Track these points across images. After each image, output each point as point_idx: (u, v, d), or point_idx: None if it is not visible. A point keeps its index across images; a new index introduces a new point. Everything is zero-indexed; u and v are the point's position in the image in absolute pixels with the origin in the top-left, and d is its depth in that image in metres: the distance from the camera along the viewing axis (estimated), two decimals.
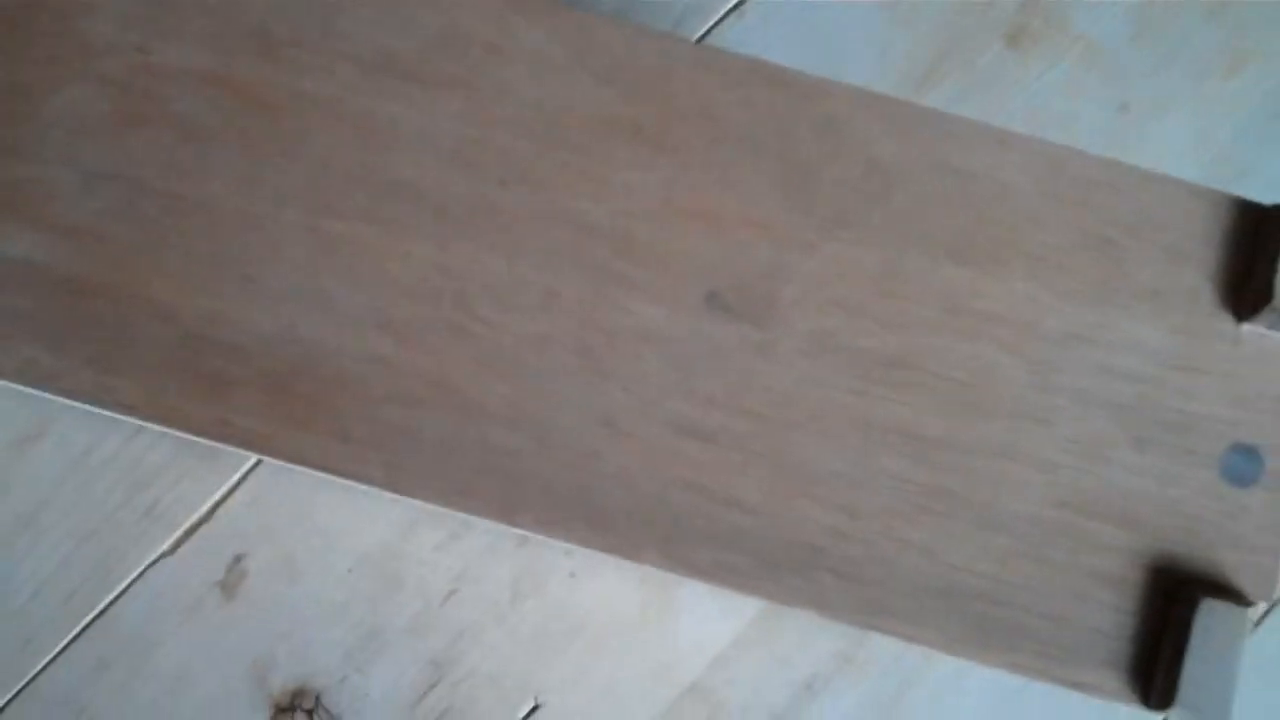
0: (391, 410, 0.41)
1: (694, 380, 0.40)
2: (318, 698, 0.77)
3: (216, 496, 0.78)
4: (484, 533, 0.78)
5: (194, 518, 0.78)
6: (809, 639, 0.79)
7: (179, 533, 0.78)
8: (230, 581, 0.78)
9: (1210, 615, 0.39)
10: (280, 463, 0.39)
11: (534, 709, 0.78)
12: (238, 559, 0.78)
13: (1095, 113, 0.83)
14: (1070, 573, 0.40)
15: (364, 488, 0.75)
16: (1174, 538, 0.40)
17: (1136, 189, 0.42)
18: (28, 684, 0.76)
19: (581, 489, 0.40)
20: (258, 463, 0.78)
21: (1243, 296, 0.41)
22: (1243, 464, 0.40)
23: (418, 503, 0.76)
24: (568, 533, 0.40)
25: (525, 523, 0.41)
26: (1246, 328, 0.41)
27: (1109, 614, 0.39)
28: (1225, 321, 0.41)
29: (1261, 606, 0.78)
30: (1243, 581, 0.40)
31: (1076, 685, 0.40)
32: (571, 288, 0.41)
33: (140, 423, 0.50)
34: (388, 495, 0.75)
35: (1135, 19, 0.84)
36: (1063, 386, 0.40)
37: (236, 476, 0.79)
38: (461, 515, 0.75)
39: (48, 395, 0.47)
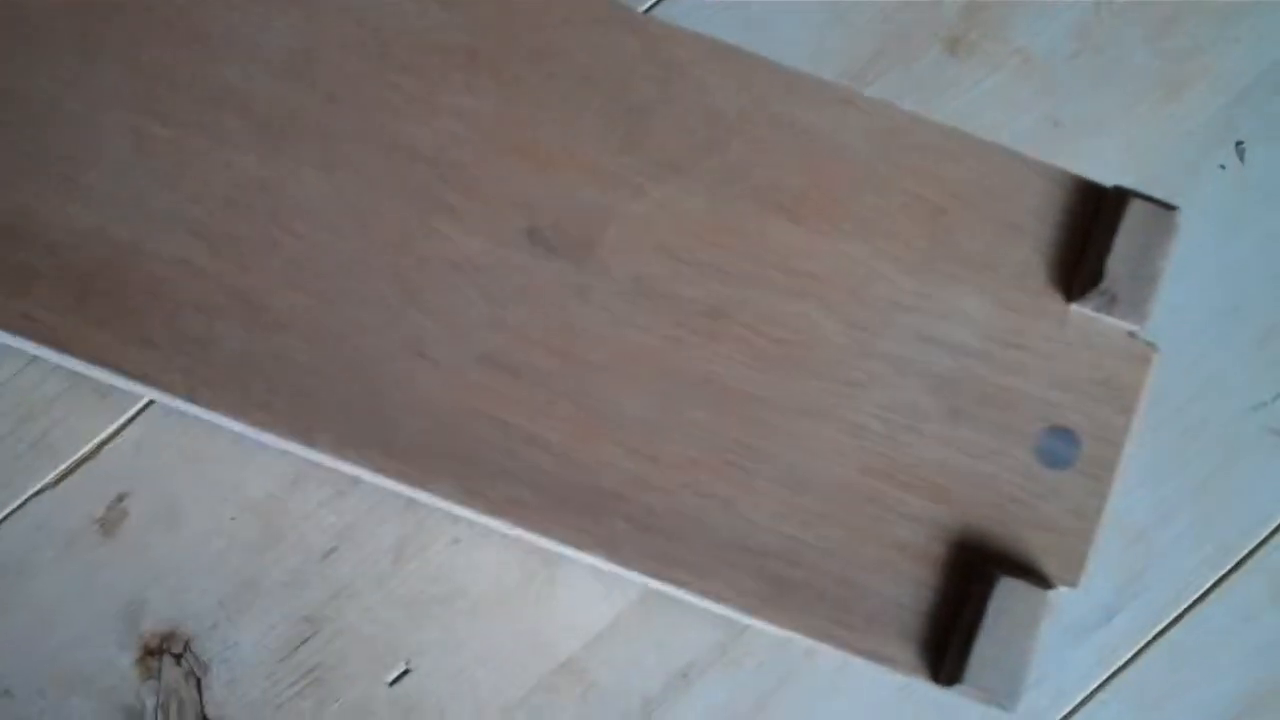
0: (196, 318, 0.40)
1: (507, 315, 0.39)
2: (187, 643, 0.76)
3: (105, 434, 0.78)
4: (370, 492, 0.78)
5: (80, 453, 0.78)
6: (688, 627, 0.78)
7: (63, 467, 0.77)
8: (111, 520, 0.77)
9: (1008, 595, 0.39)
10: (387, 481, 0.38)
11: (405, 672, 0.77)
12: (120, 498, 0.77)
13: (1027, 125, 0.82)
14: (873, 541, 0.39)
15: (254, 434, 0.74)
16: (982, 514, 0.39)
17: (977, 159, 0.42)
18: None
19: (381, 414, 0.39)
20: (149, 403, 0.78)
21: (1074, 277, 0.40)
22: (1059, 446, 0.40)
23: (306, 456, 0.75)
24: (362, 457, 0.39)
25: (322, 443, 0.40)
26: (1075, 309, 0.40)
27: (908, 586, 0.39)
28: (1054, 301, 0.40)
29: (1112, 599, 0.77)
30: (1048, 564, 0.39)
31: (868, 654, 0.39)
32: (391, 211, 0.40)
33: None
34: (276, 446, 0.75)
35: (1076, 36, 0.83)
36: (882, 352, 0.40)
37: (127, 415, 0.78)
38: (350, 473, 0.75)
39: None
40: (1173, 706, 0.78)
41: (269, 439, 0.72)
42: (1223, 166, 0.82)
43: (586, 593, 0.78)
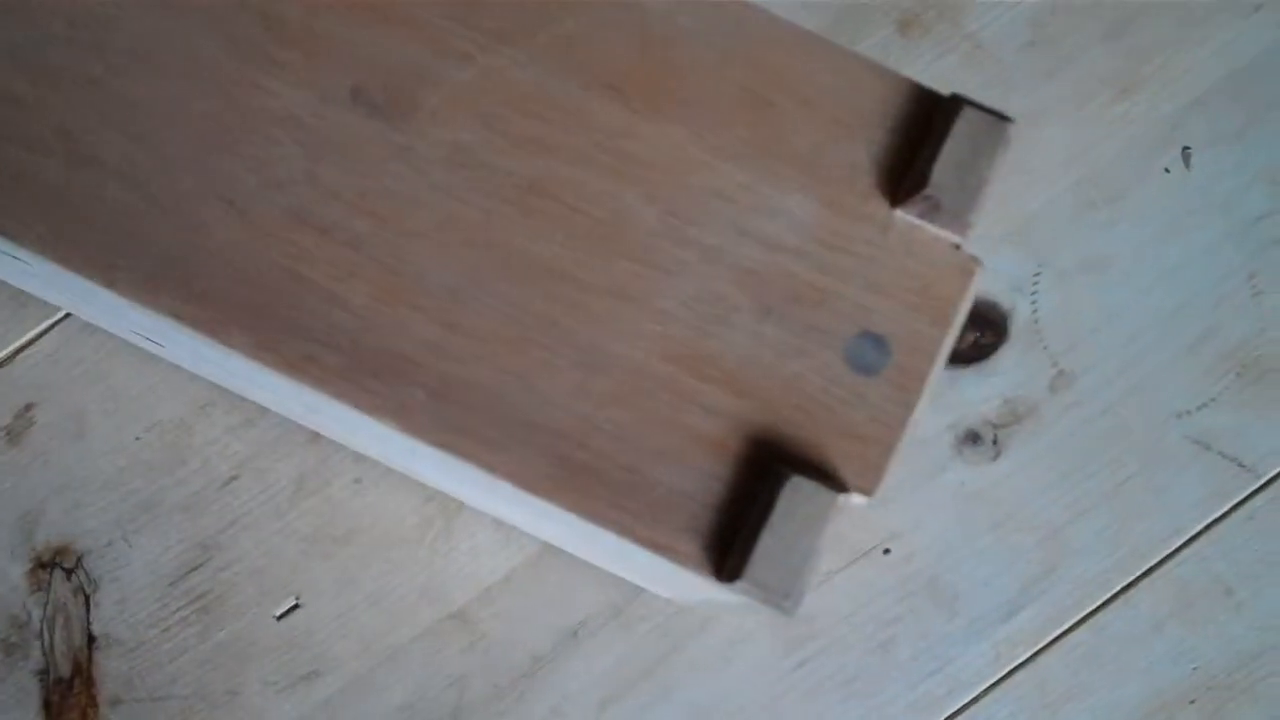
0: (11, 151, 0.40)
1: (322, 172, 0.39)
2: (80, 559, 0.76)
3: (19, 343, 0.78)
4: (277, 424, 0.77)
5: None
6: (583, 586, 0.77)
7: None
8: (16, 429, 0.77)
9: (796, 493, 0.38)
10: (187, 330, 0.38)
11: (294, 607, 0.76)
12: (28, 407, 0.77)
13: None
14: (667, 430, 0.38)
15: (169, 360, 0.74)
16: (783, 414, 0.38)
17: (813, 56, 0.41)
18: None
19: (184, 259, 0.38)
20: (66, 316, 0.78)
21: (901, 182, 0.39)
22: (869, 352, 0.39)
23: (218, 383, 0.74)
24: (159, 301, 0.39)
25: (121, 283, 0.40)
26: (899, 214, 0.39)
27: (699, 478, 0.38)
28: (879, 205, 0.40)
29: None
30: (845, 470, 0.38)
31: (649, 543, 0.38)
32: (216, 56, 0.40)
33: None
34: (188, 369, 0.74)
35: (1031, 26, 0.82)
36: (696, 241, 0.39)
37: (43, 326, 0.78)
38: (257, 403, 0.74)
39: None
40: (1069, 709, 0.76)
41: (183, 360, 0.72)
42: (1168, 170, 0.81)
43: (484, 543, 0.77)
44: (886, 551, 0.78)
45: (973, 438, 0.79)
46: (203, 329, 0.39)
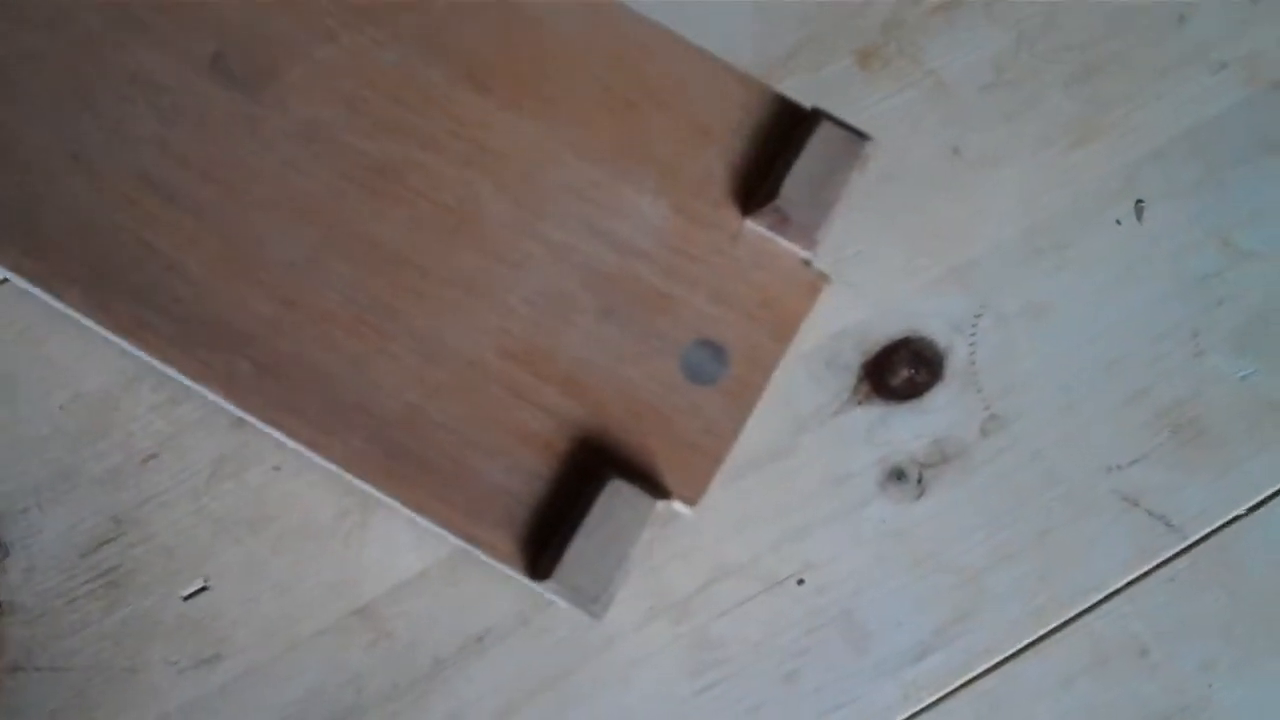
0: None
1: (173, 136, 0.39)
2: None
3: None
4: (201, 405, 0.77)
5: None
6: (493, 594, 0.76)
7: None
8: None
9: (615, 497, 0.37)
10: (24, 283, 0.38)
11: (201, 589, 0.76)
12: None
13: (925, 148, 0.81)
14: (497, 425, 0.37)
15: (103, 331, 0.74)
16: (614, 417, 0.38)
17: (678, 60, 0.40)
18: None
19: (26, 211, 0.38)
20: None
21: (754, 192, 0.39)
22: (706, 361, 0.38)
23: (148, 359, 0.74)
24: (13, 261, 0.39)
25: None
26: (749, 225, 0.39)
27: (522, 476, 0.37)
28: (731, 215, 0.39)
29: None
30: (669, 478, 0.37)
31: (467, 537, 0.38)
32: (81, 15, 0.40)
33: None
34: (122, 343, 0.74)
35: (992, 68, 0.82)
36: (544, 236, 0.38)
37: None
38: (185, 381, 0.74)
39: None
40: None
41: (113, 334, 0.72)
42: (1119, 221, 0.80)
43: (397, 542, 0.77)
44: (800, 582, 0.77)
45: (898, 475, 0.78)
46: (41, 283, 0.39)
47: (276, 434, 0.39)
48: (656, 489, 0.37)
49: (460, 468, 0.38)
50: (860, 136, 0.39)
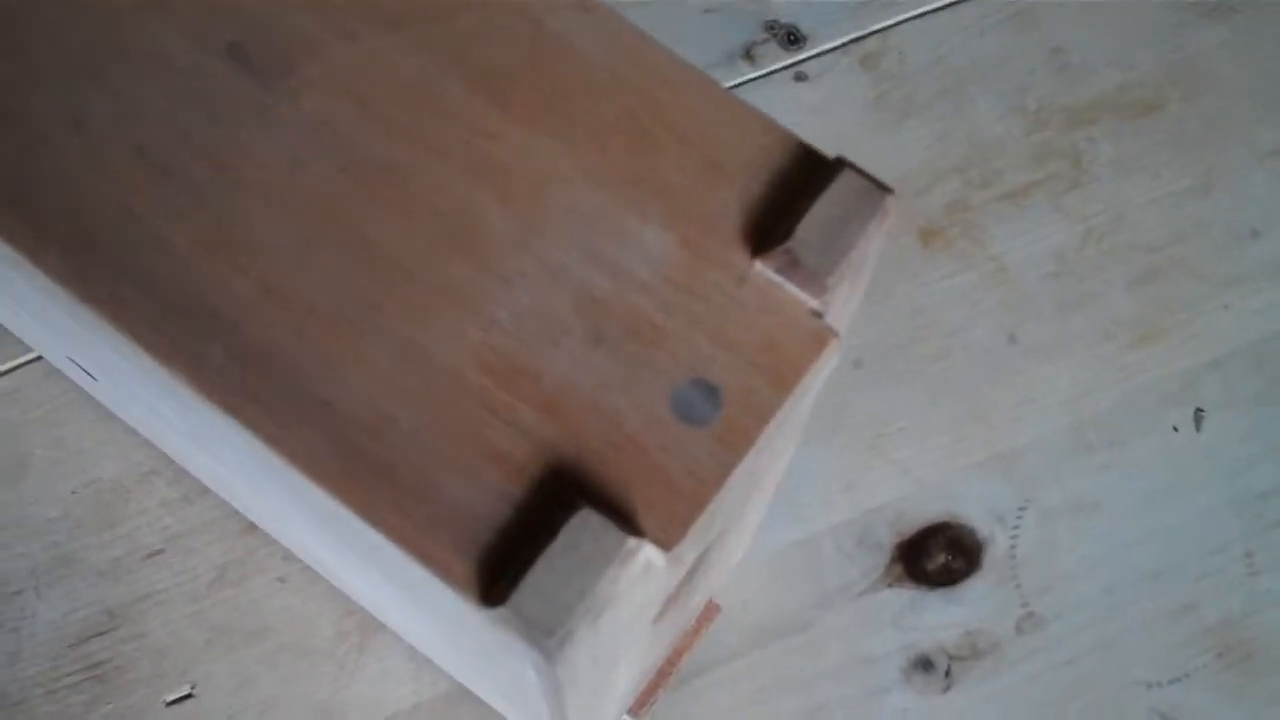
0: None
1: (178, 115, 0.38)
2: None
3: None
4: (214, 506, 0.75)
5: None
6: None
7: None
8: None
9: (583, 526, 0.35)
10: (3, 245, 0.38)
11: (187, 696, 0.73)
12: None
13: (981, 332, 0.79)
14: (468, 441, 0.36)
15: (122, 417, 0.73)
16: (593, 446, 0.36)
17: (704, 100, 0.40)
18: None
19: (19, 175, 0.38)
20: (37, 358, 0.77)
21: (767, 235, 0.37)
22: (698, 401, 0.36)
23: (166, 452, 0.73)
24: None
25: None
26: (759, 268, 0.37)
27: (490, 497, 0.35)
28: (739, 255, 0.38)
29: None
30: (645, 517, 0.35)
31: (421, 555, 0.35)
32: None
33: None
34: (142, 434, 0.73)
35: (1056, 258, 0.80)
36: (541, 255, 0.37)
37: (10, 364, 0.78)
38: (200, 481, 0.72)
39: None
40: None
41: (118, 405, 0.71)
42: (1175, 428, 0.78)
43: (394, 671, 0.74)
44: None
45: (925, 664, 0.74)
46: (20, 246, 0.38)
47: (235, 426, 0.37)
48: (629, 525, 0.35)
49: (423, 481, 0.36)
50: (882, 188, 0.38)
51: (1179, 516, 0.76)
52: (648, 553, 0.36)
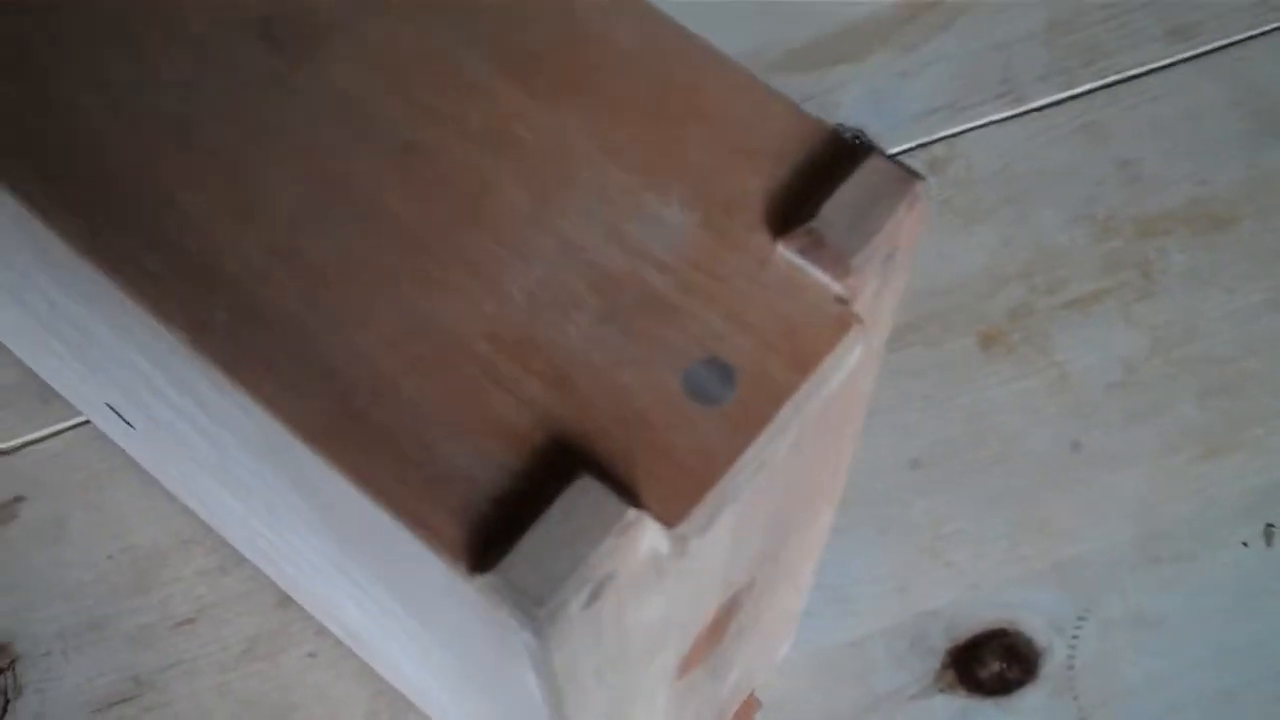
0: None
1: (205, 83, 0.38)
2: (13, 662, 0.73)
3: (30, 436, 0.77)
4: (249, 578, 0.74)
5: (1, 446, 0.77)
6: None
7: None
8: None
9: (582, 494, 0.33)
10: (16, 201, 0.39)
11: None
12: (17, 499, 0.76)
13: (1042, 439, 0.77)
14: (470, 409, 0.35)
15: (158, 478, 0.72)
16: (599, 421, 0.35)
17: (734, 87, 0.39)
18: None
19: (41, 136, 0.38)
20: (85, 422, 0.77)
21: (791, 220, 0.36)
22: (711, 381, 0.35)
23: (205, 520, 0.72)
24: (13, 180, 0.38)
25: None
26: (781, 251, 0.36)
27: (489, 466, 0.34)
28: (763, 238, 0.37)
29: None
30: (648, 492, 0.34)
31: (414, 521, 0.34)
32: None
33: None
34: (183, 501, 0.73)
35: (1124, 367, 0.78)
36: (558, 231, 0.36)
37: (59, 426, 0.78)
38: (237, 551, 0.71)
39: None
40: None
41: (152, 461, 0.70)
42: (1245, 544, 0.75)
43: None
44: None
45: None
46: (33, 208, 0.38)
47: (234, 389, 0.36)
48: (631, 498, 0.33)
49: (421, 447, 0.34)
50: (913, 174, 0.37)
51: (1249, 636, 0.73)
52: (649, 527, 0.34)
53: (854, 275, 0.36)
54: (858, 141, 0.39)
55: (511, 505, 0.34)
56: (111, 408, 0.65)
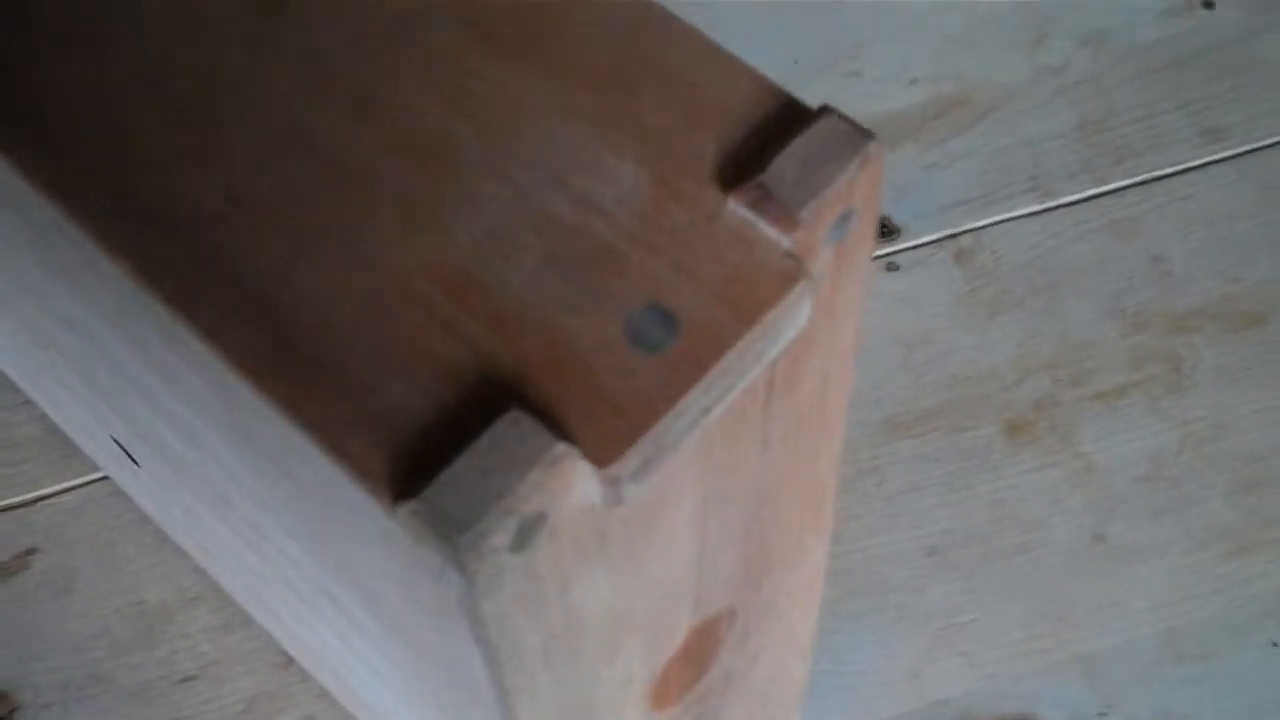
0: None
1: (172, 38, 0.40)
2: (13, 711, 0.72)
3: (48, 490, 0.78)
4: (253, 637, 0.74)
5: (19, 498, 0.78)
6: None
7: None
8: (11, 568, 0.76)
9: (512, 426, 0.33)
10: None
11: None
12: (30, 551, 0.76)
13: (1065, 530, 0.75)
14: (407, 347, 0.35)
15: (171, 536, 0.73)
16: (536, 363, 0.35)
17: (695, 52, 0.39)
18: None
19: (25, 90, 0.39)
20: (104, 477, 0.78)
21: (743, 178, 0.37)
22: (653, 327, 0.35)
23: (214, 579, 0.72)
24: (16, 157, 0.39)
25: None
26: (731, 205, 0.36)
27: (418, 399, 0.34)
28: (713, 194, 0.37)
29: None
30: (581, 431, 0.33)
31: (334, 449, 0.34)
32: None
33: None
34: (196, 560, 0.73)
35: (1151, 460, 0.77)
36: (509, 178, 0.37)
37: (77, 481, 0.78)
38: (244, 610, 0.71)
39: None
40: None
41: (155, 507, 0.70)
42: (1275, 644, 0.72)
43: None
44: None
45: None
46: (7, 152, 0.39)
47: (177, 322, 0.37)
48: (562, 434, 0.33)
49: (357, 383, 0.34)
50: (866, 134, 0.37)
51: None
52: (579, 465, 0.33)
53: (802, 228, 0.36)
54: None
55: (440, 438, 0.34)
56: (117, 442, 0.65)
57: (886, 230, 0.83)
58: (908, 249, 0.83)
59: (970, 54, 0.89)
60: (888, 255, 0.83)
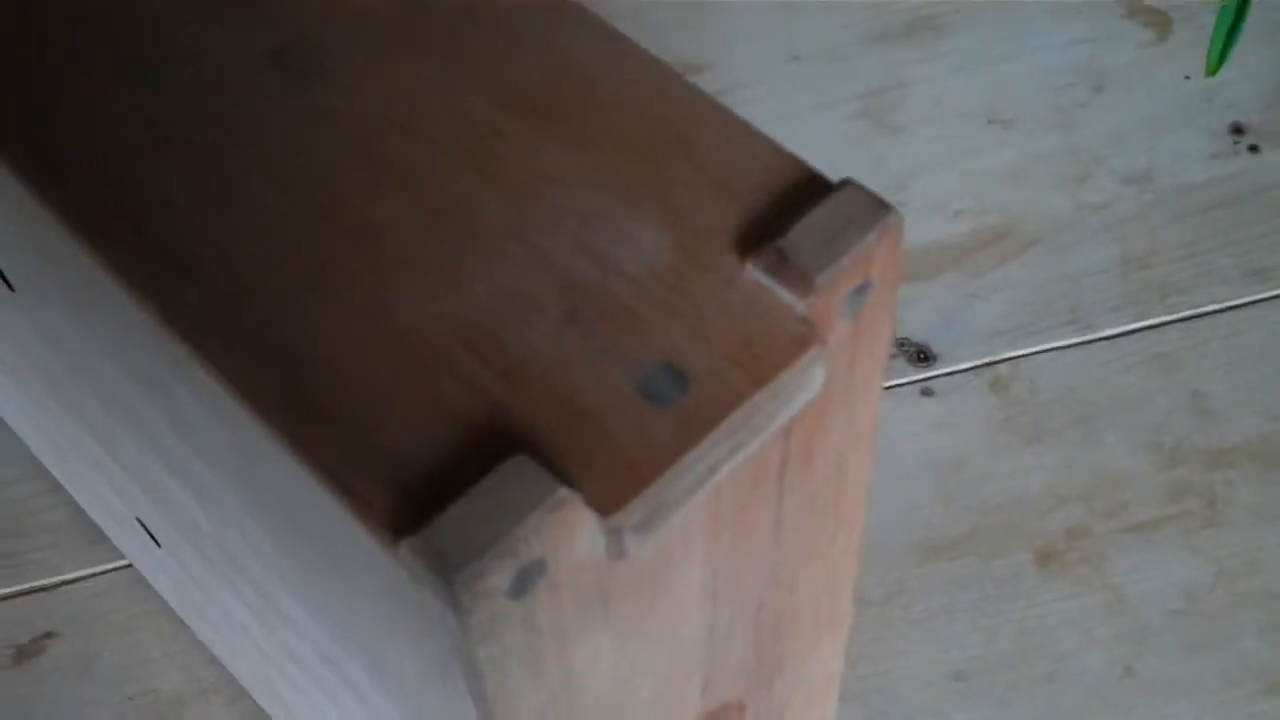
0: None
1: (207, 104, 0.41)
2: None
3: (70, 575, 0.78)
4: None
5: (40, 582, 0.78)
6: None
7: (18, 588, 0.78)
8: (28, 651, 0.76)
9: (516, 471, 0.33)
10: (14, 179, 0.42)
11: None
12: (48, 635, 0.76)
13: (1095, 661, 0.74)
14: (420, 392, 0.35)
15: (188, 621, 0.72)
16: (547, 415, 0.35)
17: (719, 126, 0.40)
18: None
19: (43, 117, 0.40)
20: (126, 565, 0.78)
21: (762, 242, 0.37)
22: (665, 383, 0.35)
23: (230, 674, 0.72)
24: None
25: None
26: (749, 270, 0.37)
27: (425, 441, 0.34)
28: (732, 260, 0.37)
29: None
30: (585, 480, 0.33)
31: (338, 487, 0.34)
32: None
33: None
34: (212, 649, 0.72)
35: (1183, 597, 0.75)
36: (529, 241, 0.37)
37: (101, 568, 0.78)
38: (258, 705, 0.71)
39: None
40: None
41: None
42: None
43: None
44: None
45: None
46: (32, 179, 0.40)
47: (196, 364, 0.37)
48: (565, 479, 0.33)
49: (367, 426, 0.34)
50: (884, 205, 0.37)
51: None
52: (581, 510, 0.33)
53: (818, 294, 0.36)
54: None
55: (445, 481, 0.34)
56: (140, 523, 0.65)
57: (924, 356, 0.83)
58: (943, 375, 0.83)
59: (1015, 188, 0.90)
60: (924, 380, 0.83)
